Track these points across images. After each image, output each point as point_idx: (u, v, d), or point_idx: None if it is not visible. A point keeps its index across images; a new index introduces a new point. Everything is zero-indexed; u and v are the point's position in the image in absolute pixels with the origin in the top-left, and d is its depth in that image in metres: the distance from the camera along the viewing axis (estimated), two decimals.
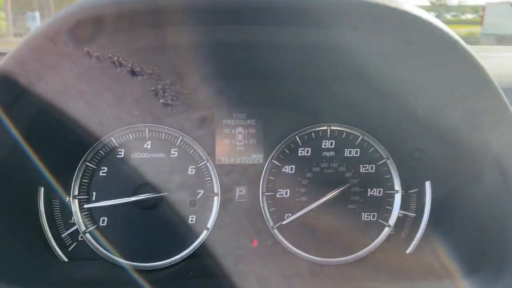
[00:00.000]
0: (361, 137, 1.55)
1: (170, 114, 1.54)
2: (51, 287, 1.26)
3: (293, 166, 1.55)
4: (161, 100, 1.35)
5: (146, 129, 1.52)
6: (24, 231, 1.35)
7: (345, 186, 1.50)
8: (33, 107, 1.11)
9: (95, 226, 1.48)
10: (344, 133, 1.55)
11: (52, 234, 1.44)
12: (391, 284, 1.15)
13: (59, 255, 1.45)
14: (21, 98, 1.04)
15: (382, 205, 1.54)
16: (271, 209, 1.55)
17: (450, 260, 1.29)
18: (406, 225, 1.55)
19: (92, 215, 1.49)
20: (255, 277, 1.38)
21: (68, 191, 1.47)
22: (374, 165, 1.55)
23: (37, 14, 5.23)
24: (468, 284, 1.13)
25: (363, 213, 1.54)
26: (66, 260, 1.46)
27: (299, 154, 1.55)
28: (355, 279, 1.44)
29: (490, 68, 1.02)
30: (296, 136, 1.55)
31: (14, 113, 1.06)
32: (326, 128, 1.55)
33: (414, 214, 1.54)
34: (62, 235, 1.48)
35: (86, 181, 1.48)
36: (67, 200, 1.48)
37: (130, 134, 1.51)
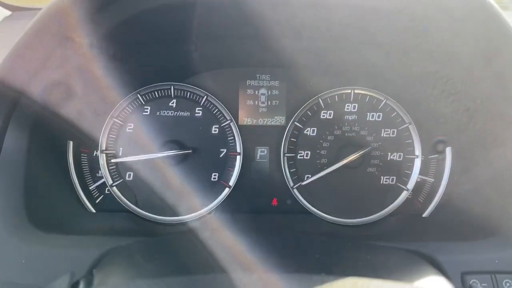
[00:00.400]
0: (384, 101, 1.55)
1: (196, 73, 1.56)
2: (80, 235, 1.33)
3: (315, 129, 1.57)
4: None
5: (172, 87, 1.54)
6: (55, 183, 1.42)
7: (366, 150, 1.52)
8: (62, 66, 1.13)
9: (122, 180, 1.54)
10: (368, 96, 1.56)
11: (81, 187, 1.50)
12: (406, 245, 1.18)
13: (87, 206, 1.52)
14: (51, 58, 1.07)
15: (402, 170, 1.56)
16: (291, 170, 1.58)
17: (466, 224, 1.32)
18: (424, 189, 1.57)
19: (118, 170, 1.54)
20: (273, 233, 1.43)
21: (96, 145, 1.52)
22: (395, 130, 1.56)
23: None
24: (483, 248, 1.15)
25: (382, 177, 1.57)
26: (94, 211, 1.52)
27: (321, 117, 1.57)
28: (372, 240, 1.47)
29: None
30: (319, 99, 1.56)
31: (45, 73, 1.09)
32: (349, 91, 1.56)
33: (432, 179, 1.56)
34: (90, 188, 1.55)
35: (113, 136, 1.53)
36: (95, 154, 1.53)
37: (155, 92, 1.54)
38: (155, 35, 1.28)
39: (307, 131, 1.57)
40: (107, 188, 1.55)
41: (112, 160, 1.52)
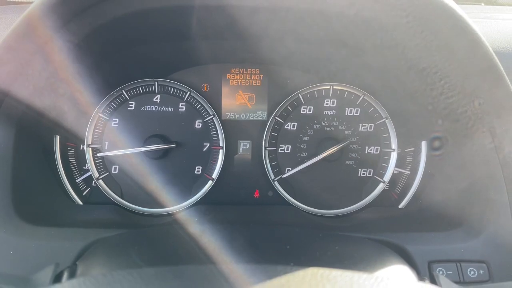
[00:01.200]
0: (362, 97, 1.60)
1: (179, 69, 1.60)
2: (67, 227, 1.38)
3: (295, 123, 1.62)
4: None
5: (156, 83, 1.58)
6: (43, 177, 1.46)
7: (344, 144, 1.57)
8: (45, 67, 1.17)
9: (107, 173, 1.59)
10: (346, 92, 1.61)
11: (68, 180, 1.55)
12: (380, 235, 1.24)
13: (74, 198, 1.56)
14: (38, 54, 1.10)
15: (379, 162, 1.62)
16: (272, 163, 1.64)
17: (435, 215, 1.38)
18: (400, 181, 1.63)
19: (104, 163, 1.59)
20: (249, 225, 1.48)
21: (82, 140, 1.56)
22: (373, 124, 1.62)
23: None
24: (449, 238, 1.22)
25: (359, 169, 1.63)
26: (81, 203, 1.57)
27: (302, 112, 1.62)
28: (349, 230, 1.53)
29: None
30: (299, 94, 1.61)
31: (31, 68, 1.13)
32: (328, 87, 1.61)
33: (408, 172, 1.62)
34: (77, 181, 1.59)
35: (99, 131, 1.57)
36: (81, 148, 1.57)
37: (140, 88, 1.58)
38: (140, 33, 1.32)
39: (288, 125, 1.62)
40: (93, 181, 1.59)
41: (98, 154, 1.57)
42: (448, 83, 1.17)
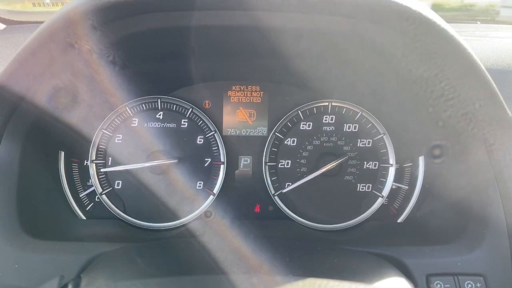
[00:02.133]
0: (360, 113, 1.64)
1: (182, 87, 1.65)
2: (71, 241, 1.40)
3: (295, 139, 1.66)
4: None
5: (159, 100, 1.62)
6: (47, 192, 1.49)
7: (343, 159, 1.60)
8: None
9: (111, 188, 1.62)
10: (344, 109, 1.65)
11: (71, 195, 1.58)
12: (379, 249, 1.26)
13: (78, 213, 1.59)
14: (43, 74, 1.14)
15: (377, 178, 1.65)
16: (273, 178, 1.66)
17: (436, 228, 1.40)
18: (399, 196, 1.66)
19: (108, 178, 1.62)
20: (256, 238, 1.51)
21: (86, 156, 1.60)
22: (371, 140, 1.65)
23: None
24: (447, 251, 1.24)
25: (358, 184, 1.65)
26: (84, 218, 1.59)
27: (301, 128, 1.65)
28: (348, 244, 1.55)
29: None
30: (299, 111, 1.65)
31: (38, 87, 1.17)
32: (327, 104, 1.65)
33: (406, 187, 1.64)
34: (80, 195, 1.62)
35: (103, 147, 1.60)
36: (85, 164, 1.61)
37: (143, 105, 1.62)
38: (146, 52, 1.37)
39: (288, 141, 1.66)
40: (96, 196, 1.62)
41: (102, 170, 1.60)
42: (448, 85, 1.19)
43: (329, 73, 1.53)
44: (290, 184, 1.64)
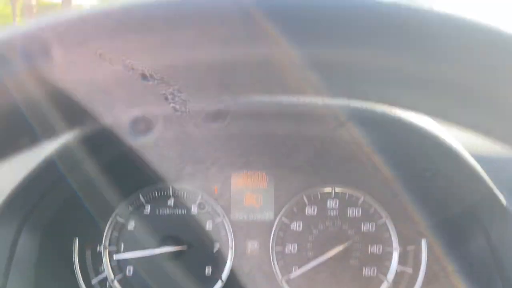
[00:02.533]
0: (362, 198, 1.71)
1: (191, 174, 1.73)
2: None
3: (301, 223, 1.71)
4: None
5: (171, 187, 1.71)
6: (61, 280, 1.53)
7: (348, 244, 1.65)
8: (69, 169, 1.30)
9: (122, 274, 1.66)
10: (347, 194, 1.72)
11: (84, 282, 1.62)
12: None
13: None
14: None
15: (382, 261, 1.68)
16: (280, 262, 1.70)
17: None
18: (404, 280, 1.68)
19: (119, 265, 1.67)
20: None
21: (100, 242, 1.65)
22: (374, 224, 1.70)
23: None
24: None
25: (364, 268, 1.68)
26: None
27: (306, 213, 1.72)
28: None
29: None
30: (304, 196, 1.72)
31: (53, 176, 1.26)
32: (330, 189, 1.72)
33: (411, 270, 1.67)
34: (92, 282, 1.66)
35: (116, 234, 1.67)
36: (98, 250, 1.66)
37: (155, 192, 1.70)
38: None
39: (293, 226, 1.71)
40: (107, 283, 1.66)
41: (114, 257, 1.65)
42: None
43: (331, 158, 1.62)
44: (297, 268, 1.67)
